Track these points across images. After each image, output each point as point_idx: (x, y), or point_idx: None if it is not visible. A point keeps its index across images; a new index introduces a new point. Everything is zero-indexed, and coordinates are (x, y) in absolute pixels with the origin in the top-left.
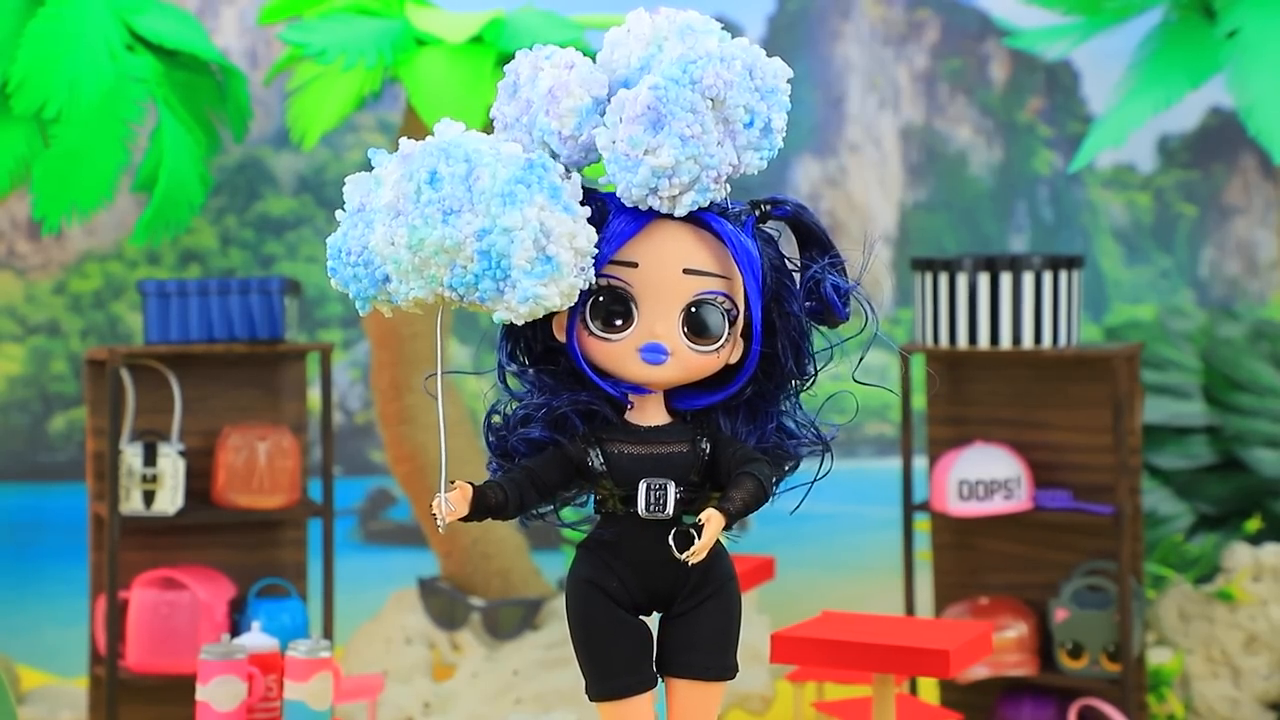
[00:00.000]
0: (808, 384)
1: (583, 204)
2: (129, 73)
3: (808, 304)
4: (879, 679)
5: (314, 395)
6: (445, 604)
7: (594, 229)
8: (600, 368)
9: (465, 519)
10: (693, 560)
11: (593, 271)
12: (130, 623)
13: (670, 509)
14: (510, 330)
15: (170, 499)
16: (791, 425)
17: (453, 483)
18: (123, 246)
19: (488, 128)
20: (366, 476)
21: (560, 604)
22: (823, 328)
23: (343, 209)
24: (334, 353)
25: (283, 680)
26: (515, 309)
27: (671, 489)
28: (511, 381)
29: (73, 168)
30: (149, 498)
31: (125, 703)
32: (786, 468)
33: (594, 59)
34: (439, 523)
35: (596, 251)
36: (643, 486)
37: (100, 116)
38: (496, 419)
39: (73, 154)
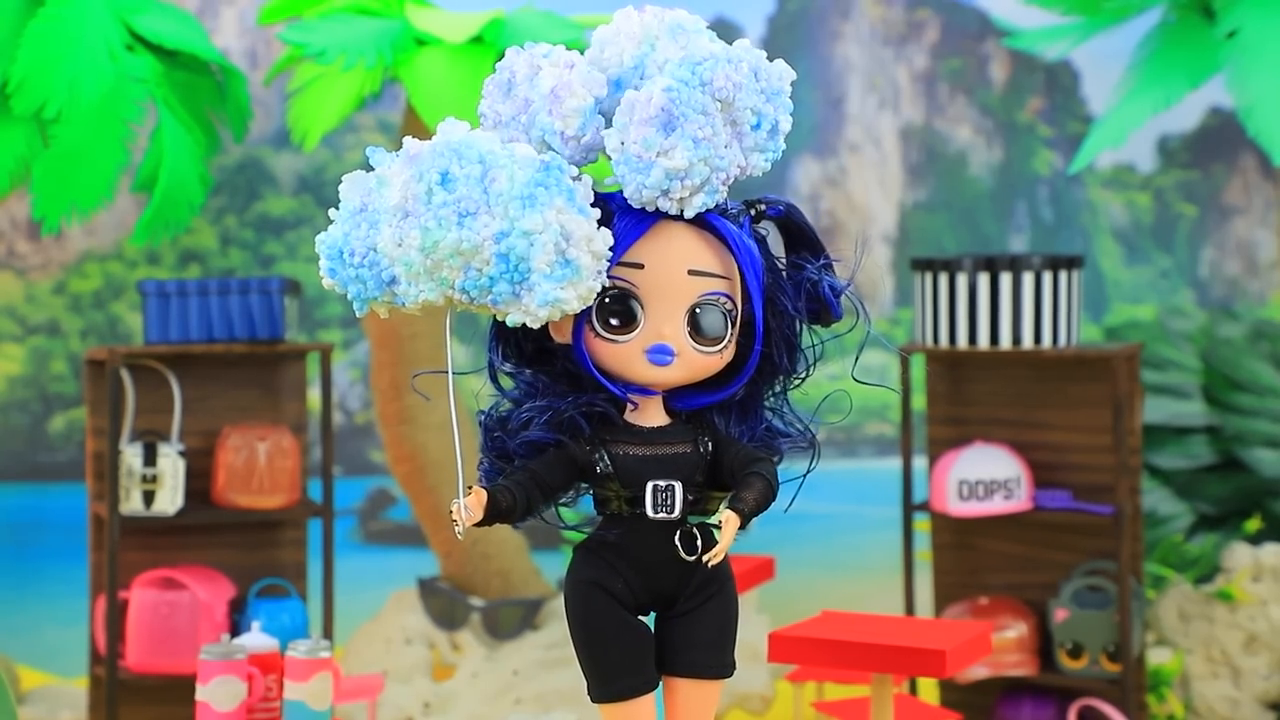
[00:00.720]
0: (797, 382)
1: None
2: (129, 73)
3: (803, 304)
4: (877, 679)
5: (314, 395)
6: (445, 604)
7: (608, 231)
8: (605, 369)
9: (478, 524)
10: (713, 562)
11: (605, 274)
12: (130, 623)
13: (678, 510)
14: (501, 331)
15: (170, 499)
16: (779, 424)
17: (469, 488)
18: (123, 246)
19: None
20: (366, 476)
21: (560, 604)
22: (815, 326)
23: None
24: (334, 353)
25: (283, 680)
26: (534, 312)
27: (679, 489)
28: (504, 381)
29: (73, 168)
30: (149, 498)
31: (125, 703)
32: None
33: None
34: (458, 529)
35: (611, 254)
36: (650, 488)
37: (100, 116)
38: (491, 420)
39: (73, 154)
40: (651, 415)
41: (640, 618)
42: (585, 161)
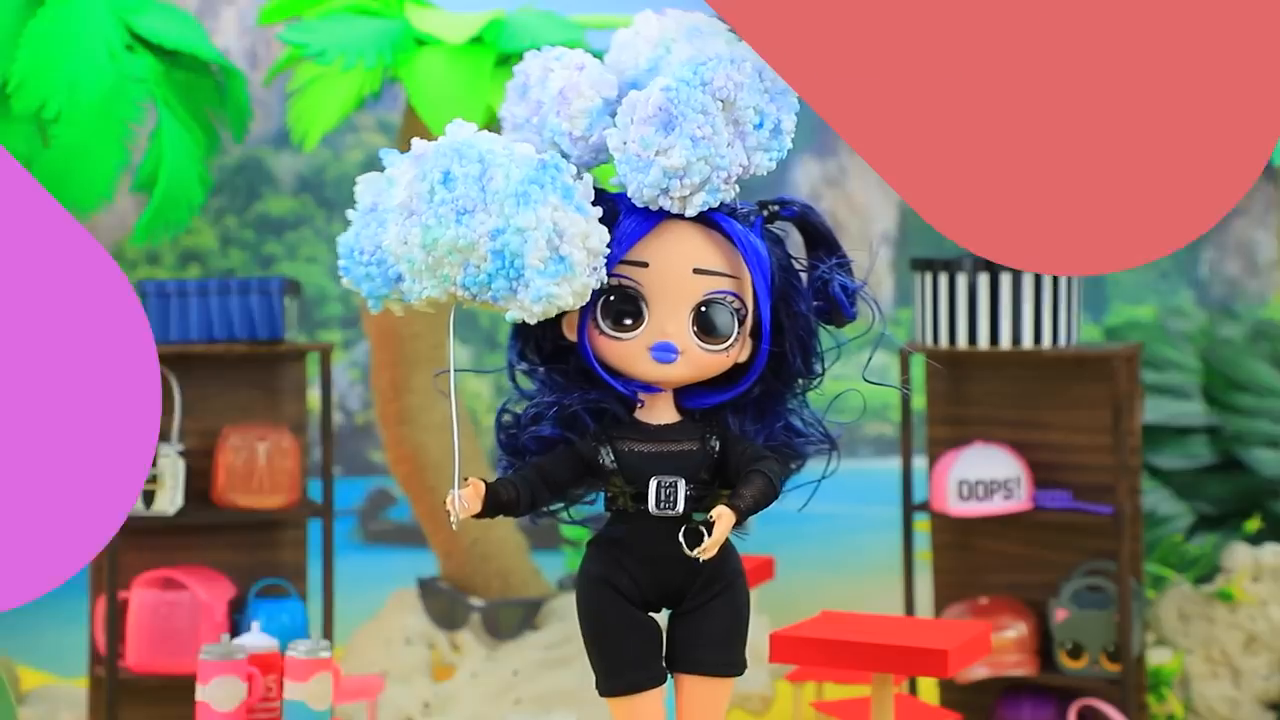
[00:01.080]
0: (814, 383)
1: (593, 204)
2: (129, 73)
3: (815, 304)
4: (877, 679)
5: (314, 395)
6: (445, 604)
7: (606, 229)
8: (611, 366)
9: (478, 515)
10: (704, 557)
11: (604, 271)
12: (130, 623)
13: (680, 506)
14: (521, 329)
15: (170, 499)
16: (798, 424)
17: (466, 480)
18: (123, 246)
19: (488, 128)
20: (366, 476)
21: (560, 604)
22: (829, 326)
23: (354, 209)
24: (334, 353)
25: (282, 680)
26: (529, 308)
27: (681, 486)
28: (521, 380)
29: (72, 168)
30: (149, 498)
31: (125, 703)
32: (793, 466)
33: (600, 60)
34: (452, 519)
35: (608, 251)
36: (653, 484)
37: (100, 116)
38: (507, 417)
39: (72, 154)
40: (660, 413)
41: (650, 614)
42: (596, 162)
